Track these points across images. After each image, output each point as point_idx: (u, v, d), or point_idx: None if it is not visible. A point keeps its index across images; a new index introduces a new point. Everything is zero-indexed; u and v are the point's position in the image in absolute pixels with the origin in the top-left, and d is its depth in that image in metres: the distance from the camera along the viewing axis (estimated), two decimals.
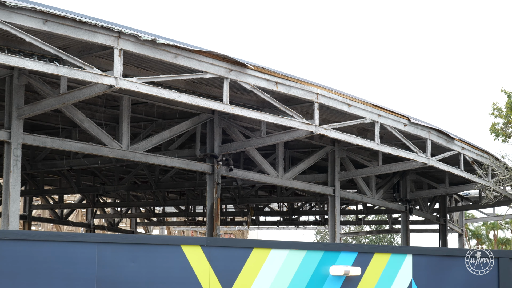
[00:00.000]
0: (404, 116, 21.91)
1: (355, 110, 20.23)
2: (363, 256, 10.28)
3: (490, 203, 32.65)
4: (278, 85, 17.99)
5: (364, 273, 10.22)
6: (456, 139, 24.70)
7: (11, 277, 8.60)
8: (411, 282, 10.48)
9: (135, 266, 9.24)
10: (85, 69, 14.56)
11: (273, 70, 17.94)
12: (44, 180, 33.78)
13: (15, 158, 16.41)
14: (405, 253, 10.56)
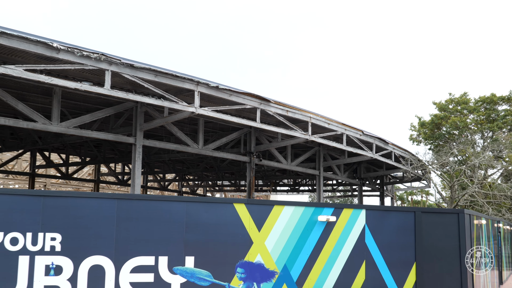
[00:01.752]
0: (360, 129, 22.07)
1: (332, 126, 20.34)
2: (337, 211, 10.33)
3: (408, 180, 33.06)
4: (288, 112, 18.12)
5: (337, 219, 10.26)
6: (389, 143, 24.92)
7: (144, 220, 8.74)
8: (365, 225, 10.49)
9: (207, 215, 9.31)
10: (178, 102, 14.72)
11: (285, 103, 18.06)
12: (154, 166, 33.98)
13: (138, 153, 16.59)
14: (361, 208, 10.58)
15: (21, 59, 12.98)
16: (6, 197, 8.04)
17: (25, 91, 16.14)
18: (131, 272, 8.54)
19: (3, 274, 7.81)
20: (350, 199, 59.91)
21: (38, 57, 12.65)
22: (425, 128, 37.52)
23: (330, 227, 10.18)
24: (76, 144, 26.93)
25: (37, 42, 11.91)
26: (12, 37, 11.56)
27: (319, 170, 24.98)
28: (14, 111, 18.16)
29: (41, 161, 33.14)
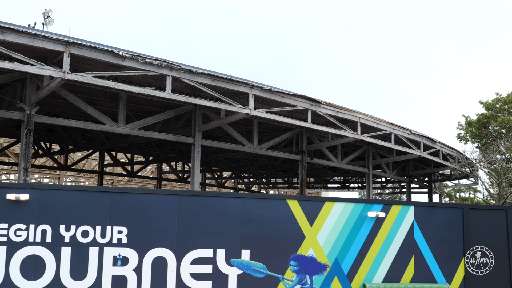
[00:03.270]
0: (408, 129, 21.62)
1: (380, 126, 20.00)
2: (386, 207, 10.15)
3: (456, 177, 32.16)
4: (338, 112, 17.94)
5: (387, 215, 10.08)
6: (437, 142, 24.27)
7: (203, 215, 8.83)
8: (413, 221, 10.27)
9: (261, 210, 9.32)
10: (234, 105, 14.80)
11: (334, 104, 17.91)
12: (212, 164, 34.30)
13: (197, 153, 16.78)
14: (409, 205, 10.36)
15: (90, 66, 13.35)
16: (78, 193, 8.28)
17: (94, 96, 16.59)
18: (191, 264, 8.65)
19: (76, 263, 8.05)
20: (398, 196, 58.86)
21: (106, 65, 12.98)
22: (472, 127, 36.43)
23: (379, 223, 10.01)
24: (140, 144, 27.49)
25: (105, 51, 12.22)
26: (82, 47, 11.90)
27: (368, 168, 24.64)
28: (85, 115, 18.70)
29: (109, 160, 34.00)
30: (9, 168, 36.71)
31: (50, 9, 13.98)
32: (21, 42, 11.19)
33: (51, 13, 14.20)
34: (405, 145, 22.38)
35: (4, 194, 7.86)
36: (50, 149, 27.09)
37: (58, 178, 37.95)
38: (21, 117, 13.53)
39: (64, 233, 8.06)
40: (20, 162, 13.32)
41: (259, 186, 44.39)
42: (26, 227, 7.91)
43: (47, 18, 14.21)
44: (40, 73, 11.67)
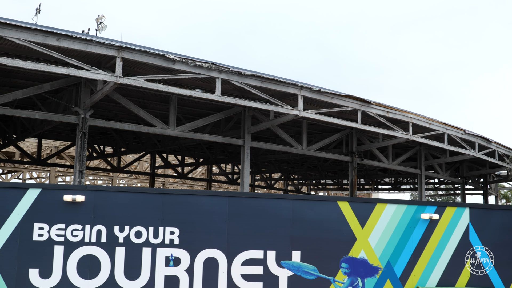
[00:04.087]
0: (461, 129, 21.08)
1: (433, 126, 19.58)
2: (440, 209, 9.91)
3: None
4: (388, 113, 17.67)
5: (440, 218, 9.85)
6: (492, 141, 23.54)
7: (253, 216, 8.86)
8: (469, 223, 10.00)
9: (312, 212, 9.27)
10: (283, 106, 14.81)
11: (385, 104, 17.65)
12: (261, 166, 34.39)
13: (246, 154, 16.87)
14: (464, 207, 10.09)
15: (141, 70, 13.62)
16: (131, 194, 8.47)
17: (145, 99, 16.92)
18: (242, 265, 8.69)
19: (130, 263, 8.23)
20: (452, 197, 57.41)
21: (157, 68, 13.23)
22: None
23: (433, 225, 9.79)
24: (191, 146, 27.85)
25: (156, 55, 12.45)
26: (134, 51, 12.17)
27: (420, 169, 24.15)
28: (136, 118, 19.09)
29: (160, 162, 34.59)
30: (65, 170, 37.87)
31: (103, 15, 14.35)
32: (76, 48, 11.53)
33: (104, 19, 14.57)
34: (458, 146, 21.83)
35: (61, 195, 8.11)
36: (103, 152, 27.79)
37: (111, 179, 38.89)
38: (76, 121, 13.94)
39: (118, 234, 8.25)
40: (76, 165, 13.73)
41: (309, 187, 44.18)
42: (82, 227, 8.13)
43: (100, 24, 14.59)
44: (94, 78, 11.99)
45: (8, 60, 10.99)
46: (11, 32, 10.83)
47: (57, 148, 33.65)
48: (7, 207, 7.89)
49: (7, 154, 34.28)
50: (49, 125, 16.77)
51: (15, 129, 21.14)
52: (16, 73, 14.49)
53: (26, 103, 17.36)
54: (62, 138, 26.57)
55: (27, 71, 13.70)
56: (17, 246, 7.85)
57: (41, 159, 26.75)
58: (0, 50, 12.08)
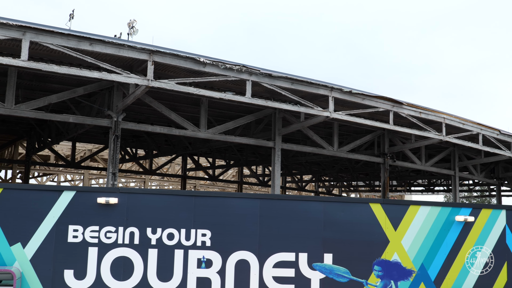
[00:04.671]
0: (496, 129, 20.66)
1: (467, 126, 19.24)
2: (475, 211, 9.74)
3: None
4: (421, 113, 17.43)
5: (476, 220, 9.67)
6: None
7: (284, 218, 8.85)
8: (505, 226, 9.79)
9: (343, 214, 9.21)
10: (313, 108, 14.75)
11: (417, 105, 17.42)
12: (292, 167, 34.33)
13: (277, 156, 16.85)
14: (501, 209, 9.89)
15: (172, 73, 13.75)
16: (163, 197, 8.55)
17: (176, 102, 17.07)
18: (274, 267, 8.68)
19: (162, 265, 8.30)
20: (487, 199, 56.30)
21: (187, 71, 13.32)
22: None
23: (468, 227, 9.61)
24: (221, 149, 27.97)
25: (187, 58, 12.55)
26: (165, 55, 12.29)
27: (454, 170, 23.75)
28: (168, 120, 19.26)
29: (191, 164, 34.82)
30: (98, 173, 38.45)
31: (135, 19, 14.53)
32: (108, 52, 11.71)
33: (135, 23, 14.75)
34: (494, 146, 21.40)
35: (95, 198, 8.24)
36: (135, 154, 28.15)
37: (144, 182, 39.31)
38: (109, 124, 14.14)
39: (150, 236, 8.33)
40: (109, 167, 13.92)
41: (340, 189, 43.90)
42: (116, 229, 8.24)
43: (131, 29, 14.78)
44: (126, 81, 12.15)
45: (43, 65, 11.22)
46: (46, 37, 11.06)
47: (91, 151, 34.22)
48: (42, 209, 8.05)
49: (42, 157, 35.01)
50: (82, 129, 17.05)
51: (50, 133, 21.57)
52: (50, 78, 14.78)
53: (61, 107, 17.70)
54: (96, 141, 27.03)
55: (61, 76, 13.97)
56: (52, 247, 8.00)
57: (75, 162, 27.22)
58: (35, 55, 12.34)
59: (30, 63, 11.01)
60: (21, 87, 15.21)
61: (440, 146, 23.30)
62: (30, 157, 26.07)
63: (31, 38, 10.91)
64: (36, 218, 8.01)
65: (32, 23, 10.96)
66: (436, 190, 40.85)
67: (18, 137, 26.15)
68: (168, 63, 12.43)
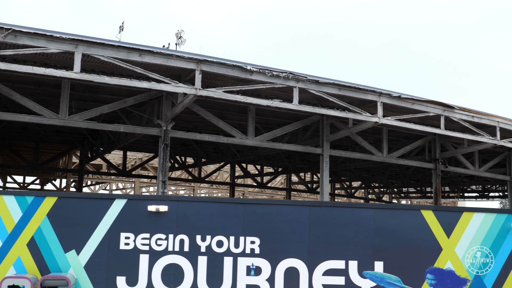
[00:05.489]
0: None
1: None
2: None
3: None
4: (473, 117, 16.99)
5: None
6: None
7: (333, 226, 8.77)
8: None
9: (394, 221, 9.05)
10: (361, 113, 14.60)
11: (469, 109, 16.99)
12: (341, 174, 34.03)
13: (325, 163, 16.75)
14: None
15: (220, 82, 13.89)
16: (212, 204, 8.62)
17: (224, 110, 17.22)
18: (323, 275, 8.61)
19: (212, 272, 8.36)
20: None
21: (234, 79, 13.44)
22: None
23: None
24: (269, 156, 28.01)
25: (233, 66, 12.66)
26: (212, 63, 12.43)
27: (510, 176, 22.98)
28: (216, 128, 19.45)
29: (239, 172, 35.03)
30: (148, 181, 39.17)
31: (182, 29, 14.77)
32: (157, 63, 11.94)
33: (183, 33, 14.99)
34: None
35: (145, 205, 8.38)
36: (185, 163, 28.52)
37: (193, 190, 39.78)
38: (159, 133, 14.40)
39: (200, 243, 8.41)
40: (158, 175, 14.16)
41: (391, 196, 43.21)
42: (166, 237, 8.36)
43: (179, 39, 15.03)
44: (175, 91, 12.36)
45: (95, 77, 11.54)
46: (97, 50, 11.38)
47: (141, 160, 34.89)
48: (95, 217, 8.26)
49: (95, 166, 35.94)
50: (133, 138, 17.42)
51: (102, 142, 22.13)
52: (102, 89, 15.18)
53: (112, 117, 18.14)
54: (146, 150, 27.55)
55: (112, 87, 14.34)
56: (105, 254, 8.19)
57: (126, 171, 27.83)
58: (87, 67, 12.71)
59: (83, 75, 11.35)
60: (74, 98, 15.69)
61: (495, 150, 22.60)
62: (83, 166, 26.81)
63: (83, 51, 11.25)
64: (89, 226, 8.22)
65: (84, 36, 11.31)
66: (491, 196, 39.62)
67: (72, 147, 26.96)
68: (215, 72, 12.58)
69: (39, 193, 8.33)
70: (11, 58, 12.05)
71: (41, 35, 10.90)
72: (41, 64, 12.43)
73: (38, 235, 8.08)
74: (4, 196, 8.10)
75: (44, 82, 14.62)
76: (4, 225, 8.03)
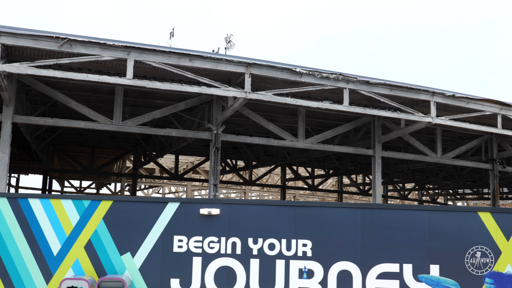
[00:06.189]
0: None
1: None
2: None
3: None
4: None
5: None
6: None
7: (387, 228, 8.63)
8: None
9: (449, 223, 8.82)
10: (414, 114, 14.33)
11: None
12: (393, 176, 33.47)
13: (377, 165, 16.51)
14: None
15: (269, 85, 13.92)
16: (264, 207, 8.64)
17: (273, 112, 17.25)
18: (377, 278, 8.48)
19: (264, 275, 8.38)
20: None
21: (284, 82, 13.44)
22: None
23: None
24: (320, 158, 27.86)
25: (283, 69, 12.67)
26: (262, 67, 12.48)
27: None
28: (266, 131, 19.50)
29: (290, 174, 34.97)
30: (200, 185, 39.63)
31: (231, 34, 14.89)
32: (207, 67, 12.09)
33: (232, 37, 15.11)
34: None
35: (198, 209, 8.49)
36: (235, 166, 28.73)
37: (244, 192, 40.00)
38: (209, 137, 14.56)
39: (252, 246, 8.44)
40: (210, 179, 14.31)
41: (446, 197, 42.17)
42: (218, 239, 8.44)
43: (228, 43, 15.16)
44: (225, 95, 12.47)
45: (147, 83, 11.79)
46: (149, 56, 11.63)
47: (193, 164, 35.36)
48: (149, 220, 8.42)
49: (148, 170, 36.67)
50: (184, 142, 17.68)
51: (155, 147, 22.56)
52: (153, 94, 15.49)
53: (163, 122, 18.47)
54: (197, 154, 27.90)
55: (163, 92, 14.61)
56: (159, 257, 8.34)
57: (178, 174, 28.25)
58: (139, 73, 12.99)
59: (135, 81, 11.61)
60: (127, 104, 16.07)
61: None
62: (136, 170, 27.40)
63: (135, 57, 11.52)
64: (143, 229, 8.38)
65: (135, 43, 11.58)
66: None
67: (126, 152, 27.60)
68: (265, 75, 12.61)
69: (95, 197, 8.57)
70: (67, 67, 12.46)
71: (95, 43, 11.22)
72: (95, 71, 12.79)
73: (95, 238, 8.31)
74: (63, 200, 8.37)
75: (98, 89, 15.03)
76: (63, 228, 8.29)
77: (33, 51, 11.87)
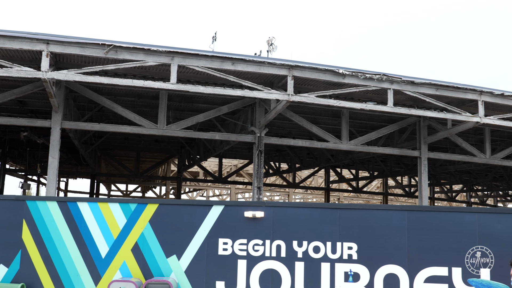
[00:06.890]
0: None
1: None
2: None
3: None
4: None
5: None
6: None
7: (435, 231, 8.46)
8: None
9: (501, 226, 8.59)
10: (461, 114, 14.01)
11: None
12: (440, 177, 32.78)
13: (423, 166, 16.21)
14: None
15: (311, 87, 13.87)
16: (308, 210, 8.61)
17: (316, 114, 17.16)
18: (425, 282, 8.32)
19: (309, 278, 8.34)
20: None
21: (326, 84, 13.36)
22: None
23: None
24: (364, 160, 27.55)
25: (325, 70, 12.60)
26: (304, 69, 12.44)
27: None
28: (309, 133, 19.42)
29: (334, 176, 34.72)
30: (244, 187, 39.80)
31: (273, 36, 14.90)
32: (249, 70, 12.14)
33: (274, 40, 15.12)
34: None
35: (242, 211, 8.53)
36: (279, 168, 28.70)
37: (288, 195, 39.92)
38: (253, 140, 14.60)
39: (297, 249, 8.42)
40: (254, 182, 14.35)
41: (495, 199, 41.02)
42: (263, 242, 8.46)
43: (270, 46, 15.16)
44: (267, 97, 12.49)
45: (191, 87, 11.93)
46: (192, 60, 11.76)
47: (236, 167, 35.53)
48: (194, 223, 8.51)
49: (192, 173, 37.07)
50: (228, 145, 17.79)
51: (198, 150, 22.79)
52: (197, 98, 15.65)
53: (207, 125, 18.64)
54: (240, 157, 28.02)
55: (206, 96, 14.75)
56: (204, 259, 8.41)
57: (222, 177, 28.45)
58: (182, 78, 13.16)
59: (179, 85, 11.77)
60: (171, 108, 16.29)
61: None
62: (181, 173, 27.73)
63: (178, 62, 11.68)
64: (189, 232, 8.48)
65: (178, 48, 11.73)
66: None
67: (170, 156, 27.98)
68: (307, 77, 12.57)
69: (141, 200, 8.72)
70: (113, 73, 12.74)
71: (139, 49, 11.43)
72: (140, 77, 13.02)
73: (142, 240, 8.45)
74: (110, 204, 8.55)
75: (143, 94, 15.29)
76: (111, 231, 8.47)
77: (80, 58, 12.20)
